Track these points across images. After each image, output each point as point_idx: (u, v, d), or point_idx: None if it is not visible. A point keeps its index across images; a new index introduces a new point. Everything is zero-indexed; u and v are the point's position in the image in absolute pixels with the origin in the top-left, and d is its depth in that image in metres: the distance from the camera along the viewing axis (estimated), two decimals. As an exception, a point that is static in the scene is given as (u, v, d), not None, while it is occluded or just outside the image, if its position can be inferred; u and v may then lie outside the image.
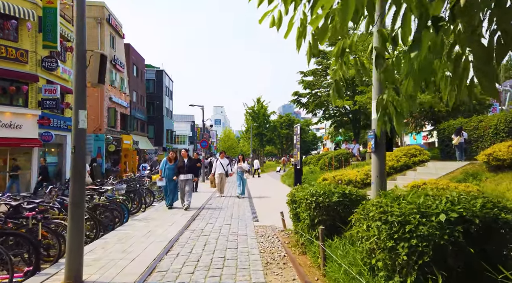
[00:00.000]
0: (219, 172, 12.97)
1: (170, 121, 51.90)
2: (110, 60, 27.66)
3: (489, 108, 29.57)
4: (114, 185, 10.23)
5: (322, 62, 23.08)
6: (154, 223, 7.98)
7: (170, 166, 10.02)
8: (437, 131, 21.22)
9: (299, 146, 7.43)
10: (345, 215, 4.51)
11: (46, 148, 19.93)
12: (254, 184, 21.15)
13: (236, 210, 9.90)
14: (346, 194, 4.61)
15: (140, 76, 39.78)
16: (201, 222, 7.99)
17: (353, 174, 13.07)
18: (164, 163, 10.19)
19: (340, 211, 4.51)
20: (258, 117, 42.39)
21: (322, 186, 4.88)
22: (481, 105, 25.65)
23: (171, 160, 10.15)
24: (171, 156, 10.24)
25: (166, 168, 10.01)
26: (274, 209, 10.09)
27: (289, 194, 5.79)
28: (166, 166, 10.04)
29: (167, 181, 9.90)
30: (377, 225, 2.96)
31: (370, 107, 18.15)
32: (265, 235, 6.72)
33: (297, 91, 24.27)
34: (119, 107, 29.82)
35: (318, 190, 4.70)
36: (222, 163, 12.94)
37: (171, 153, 10.39)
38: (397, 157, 12.75)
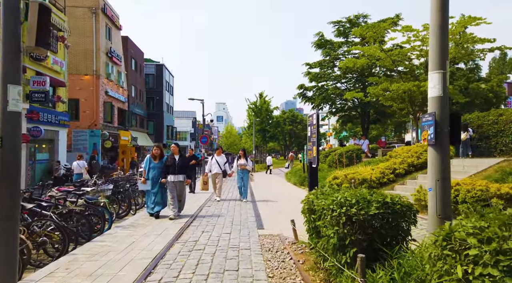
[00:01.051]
0: (215, 171, 11.05)
1: (170, 117, 50.67)
2: (106, 52, 26.41)
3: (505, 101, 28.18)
4: (98, 185, 9.00)
5: (330, 53, 21.72)
6: (141, 231, 6.74)
7: (155, 164, 8.16)
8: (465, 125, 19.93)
9: (316, 139, 5.23)
10: (386, 232, 3.25)
11: (36, 144, 18.74)
12: (257, 182, 19.91)
13: (238, 214, 8.64)
14: (387, 203, 3.33)
15: (139, 70, 38.53)
16: (195, 231, 6.74)
17: (368, 172, 11.82)
18: (147, 161, 8.25)
19: (379, 227, 3.24)
20: (261, 112, 41.11)
21: (353, 192, 3.60)
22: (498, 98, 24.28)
23: (155, 157, 8.21)
24: (155, 152, 8.22)
25: (150, 167, 8.15)
26: (281, 212, 8.86)
27: (304, 201, 4.51)
28: (151, 165, 8.17)
29: (152, 184, 8.07)
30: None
31: (382, 99, 16.97)
32: (272, 248, 5.47)
33: (303, 84, 22.96)
34: (116, 101, 28.59)
35: (349, 197, 3.41)
36: (218, 160, 11.04)
37: (155, 148, 8.30)
38: (417, 153, 11.46)
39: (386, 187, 11.07)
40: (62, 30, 19.98)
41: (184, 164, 8.17)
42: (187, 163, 8.41)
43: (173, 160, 8.06)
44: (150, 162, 8.26)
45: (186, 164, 8.26)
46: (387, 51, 15.10)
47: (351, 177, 11.97)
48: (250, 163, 11.72)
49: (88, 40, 24.91)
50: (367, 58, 16.02)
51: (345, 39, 21.78)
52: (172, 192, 8.02)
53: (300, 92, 23.14)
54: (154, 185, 8.08)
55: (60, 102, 20.14)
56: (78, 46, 24.73)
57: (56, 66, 19.59)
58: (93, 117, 25.02)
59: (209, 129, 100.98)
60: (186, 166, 8.29)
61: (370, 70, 19.22)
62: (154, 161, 8.23)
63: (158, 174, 8.11)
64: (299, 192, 14.22)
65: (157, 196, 8.08)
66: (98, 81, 25.14)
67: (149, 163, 8.24)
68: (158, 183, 8.08)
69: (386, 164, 11.71)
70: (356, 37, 20.18)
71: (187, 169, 8.28)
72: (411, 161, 11.26)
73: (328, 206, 3.47)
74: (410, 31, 14.75)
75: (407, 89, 13.95)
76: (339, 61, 21.68)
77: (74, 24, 24.22)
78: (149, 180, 8.07)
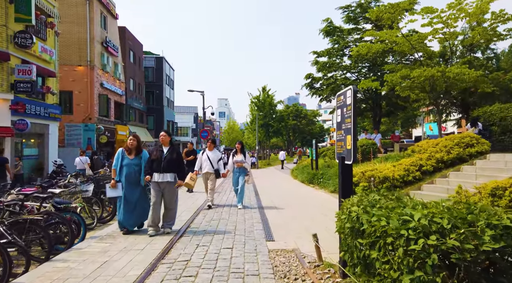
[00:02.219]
0: (206, 170, 8.78)
1: (171, 112, 49.27)
2: (101, 42, 24.97)
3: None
4: (77, 185, 7.62)
5: (339, 41, 20.17)
6: (120, 243, 5.35)
7: (130, 161, 5.95)
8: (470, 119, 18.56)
9: (352, 124, 3.46)
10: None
11: (24, 138, 17.41)
12: (262, 181, 18.54)
13: (241, 220, 7.24)
14: (510, 228, 1.90)
15: (138, 63, 37.09)
16: (188, 244, 5.33)
17: (389, 169, 10.39)
18: (119, 156, 5.99)
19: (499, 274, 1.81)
20: (264, 106, 39.60)
21: (440, 207, 2.17)
22: (519, 89, 22.69)
23: (130, 150, 5.99)
24: (130, 143, 5.98)
25: (123, 165, 5.92)
26: (293, 217, 7.44)
27: (342, 215, 3.07)
28: (124, 162, 5.93)
29: (125, 188, 5.86)
30: None
31: (398, 88, 15.44)
32: (289, 273, 4.06)
33: (311, 73, 21.39)
34: (113, 94, 27.19)
35: (436, 216, 1.98)
36: (210, 156, 8.77)
37: (131, 138, 6.05)
38: (447, 147, 9.99)
39: (411, 186, 9.64)
40: (52, 15, 18.56)
41: (174, 159, 5.96)
42: (179, 158, 6.12)
43: (159, 152, 5.96)
44: (122, 157, 5.98)
45: (177, 159, 6.02)
46: (406, 35, 13.59)
47: (369, 174, 10.54)
48: (249, 159, 9.11)
49: (82, 28, 23.47)
50: (384, 43, 14.50)
51: (355, 26, 20.24)
52: (155, 197, 5.88)
53: (308, 82, 21.62)
54: (129, 190, 5.89)
55: (50, 93, 18.75)
56: (71, 35, 23.33)
57: (45, 54, 18.18)
58: (87, 111, 23.66)
59: (211, 125, 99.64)
60: (178, 162, 6.04)
61: (383, 58, 17.72)
62: (129, 156, 6.00)
63: (134, 173, 5.92)
64: (309, 191, 12.81)
65: (137, 204, 5.92)
66: (92, 72, 23.74)
67: (121, 159, 5.97)
68: (137, 187, 5.97)
69: (410, 160, 10.27)
70: (371, 20, 18.60)
71: (179, 166, 6.05)
72: (440, 156, 9.80)
73: (398, 231, 2.04)
74: (431, 13, 13.21)
75: (430, 76, 12.45)
76: (349, 49, 20.17)
77: (66, 12, 22.81)
78: (122, 182, 5.89)
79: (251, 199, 10.63)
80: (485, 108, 18.81)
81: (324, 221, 7.01)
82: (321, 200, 10.31)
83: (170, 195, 6.01)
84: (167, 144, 6.17)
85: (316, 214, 7.85)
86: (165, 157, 5.96)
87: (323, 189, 13.14)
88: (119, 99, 28.69)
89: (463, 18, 12.86)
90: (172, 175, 5.97)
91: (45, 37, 18.39)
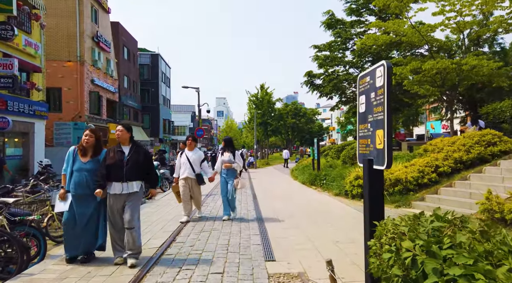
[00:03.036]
0: (185, 175, 6.91)
1: (167, 111, 48.18)
2: (92, 36, 23.87)
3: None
4: (45, 191, 6.58)
5: (341, 34, 19.12)
6: (81, 269, 4.31)
7: (83, 164, 4.38)
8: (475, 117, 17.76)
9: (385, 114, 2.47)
10: None
11: (6, 137, 16.33)
12: (260, 182, 17.54)
13: (236, 231, 6.21)
14: None
15: (132, 60, 35.97)
16: (167, 270, 4.30)
17: (401, 170, 9.39)
18: (69, 158, 4.43)
19: None
20: (262, 104, 38.51)
21: None
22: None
23: (85, 150, 4.45)
24: (85, 141, 4.43)
25: (74, 170, 4.36)
26: (297, 227, 6.40)
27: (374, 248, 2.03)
28: (75, 166, 4.37)
29: (74, 202, 4.32)
30: None
31: (406, 83, 14.42)
32: (296, 315, 3.04)
33: (311, 71, 20.35)
34: (105, 92, 26.09)
35: None
36: (190, 158, 6.94)
37: (87, 133, 4.47)
38: (466, 145, 8.99)
39: (427, 189, 8.63)
40: (37, 7, 17.46)
41: (142, 161, 4.43)
42: (148, 159, 4.59)
43: (119, 154, 4.38)
44: (74, 159, 4.39)
45: (146, 162, 4.50)
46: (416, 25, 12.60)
47: (378, 176, 9.55)
48: (240, 159, 7.28)
49: (71, 22, 22.35)
50: (390, 35, 13.50)
51: (358, 18, 19.23)
52: (115, 215, 4.39)
53: (307, 80, 20.58)
54: (79, 206, 4.30)
55: (35, 90, 17.67)
56: (60, 29, 22.22)
57: (30, 48, 17.07)
58: (77, 109, 22.57)
59: (209, 124, 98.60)
60: (148, 165, 4.55)
61: (388, 52, 16.72)
62: (82, 158, 4.40)
63: (87, 183, 4.30)
64: (311, 194, 11.78)
65: (88, 226, 4.34)
66: (82, 68, 22.63)
67: (73, 162, 4.38)
68: (91, 202, 4.34)
69: (424, 160, 9.26)
70: (375, 12, 17.65)
71: (149, 170, 4.58)
72: (458, 156, 8.79)
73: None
74: (445, 0, 12.20)
75: (443, 69, 11.45)
76: (354, 42, 19.13)
77: (54, 4, 21.69)
78: (71, 192, 4.34)
79: (248, 203, 9.61)
80: (495, 105, 17.84)
81: (333, 233, 5.99)
82: (325, 205, 9.29)
83: (132, 210, 4.35)
84: (127, 142, 4.54)
85: (322, 223, 6.84)
86: (128, 160, 4.38)
87: (326, 191, 12.14)
88: (111, 97, 27.59)
89: (478, 5, 11.85)
90: (139, 184, 4.46)
91: (29, 30, 17.28)
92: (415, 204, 8.24)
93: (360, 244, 5.12)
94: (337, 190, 11.11)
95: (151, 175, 4.67)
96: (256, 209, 8.63)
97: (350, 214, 7.79)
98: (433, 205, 7.73)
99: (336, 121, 60.01)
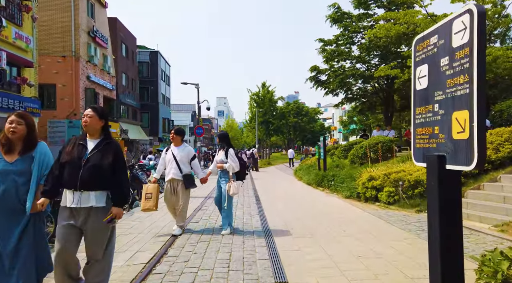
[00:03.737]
0: (170, 176, 5.70)
1: (167, 109, 47.33)
2: (87, 31, 23.00)
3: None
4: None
5: (349, 26, 18.20)
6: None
7: (9, 166, 2.92)
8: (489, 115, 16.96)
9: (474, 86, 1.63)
10: None
11: (-5, 135, 15.47)
12: (263, 183, 16.70)
13: (239, 242, 5.33)
14: None
15: (131, 57, 35.12)
16: (154, 293, 3.42)
17: (420, 170, 8.50)
18: None
19: None
20: (264, 103, 37.65)
21: None
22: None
23: (10, 145, 2.96)
24: (10, 131, 2.93)
25: None
26: (311, 237, 5.45)
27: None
28: None
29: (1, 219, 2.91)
30: None
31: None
32: None
33: (316, 66, 19.42)
34: (101, 89, 25.24)
35: None
36: (176, 155, 5.72)
37: (13, 119, 2.97)
38: (494, 143, 8.09)
39: (451, 192, 7.74)
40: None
41: (106, 163, 2.97)
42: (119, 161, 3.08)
43: (79, 149, 3.01)
44: None
45: (114, 164, 3.01)
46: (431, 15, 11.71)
47: (395, 177, 8.68)
48: (233, 159, 5.79)
49: (66, 16, 21.48)
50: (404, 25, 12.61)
51: (366, 11, 18.33)
52: (64, 240, 2.88)
53: (313, 75, 19.68)
54: (3, 224, 2.90)
55: (26, 85, 16.80)
56: (54, 23, 21.36)
57: (20, 41, 16.21)
58: (72, 106, 21.70)
59: (210, 124, 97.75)
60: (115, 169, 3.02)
61: (398, 44, 15.83)
62: (6, 157, 2.96)
63: (16, 192, 2.93)
64: (319, 196, 10.90)
65: (19, 252, 2.87)
66: (77, 64, 21.77)
67: None
68: (19, 219, 2.93)
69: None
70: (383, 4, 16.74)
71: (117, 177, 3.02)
72: (487, 154, 7.90)
73: None
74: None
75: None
76: (360, 36, 18.23)
77: (48, -3, 20.82)
78: None
79: (251, 206, 8.74)
80: (509, 102, 16.93)
81: (352, 244, 5.10)
82: (337, 209, 8.40)
83: (97, 235, 2.95)
84: (96, 133, 3.08)
85: (337, 231, 5.95)
86: (89, 159, 2.94)
87: (335, 193, 11.25)
88: (108, 94, 26.73)
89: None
90: (102, 196, 2.96)
91: (20, 23, 16.41)
92: (438, 209, 7.34)
93: (390, 260, 4.17)
94: (347, 192, 10.22)
95: (118, 186, 3.01)
96: (260, 213, 7.75)
97: (366, 220, 6.90)
98: (460, 209, 6.85)
99: (338, 121, 59.15)
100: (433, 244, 1.92)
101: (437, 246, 1.82)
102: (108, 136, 3.16)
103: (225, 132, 6.28)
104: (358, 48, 18.46)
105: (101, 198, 2.97)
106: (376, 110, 20.89)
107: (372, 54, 18.04)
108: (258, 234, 5.79)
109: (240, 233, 5.82)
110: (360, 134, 21.40)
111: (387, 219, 6.91)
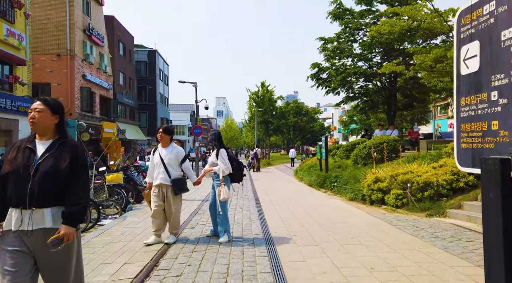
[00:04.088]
0: (158, 181, 5.11)
1: (165, 109, 46.83)
2: (83, 29, 22.52)
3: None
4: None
5: (351, 22, 17.74)
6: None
7: None
8: None
9: None
10: None
11: (-15, 135, 15.01)
12: (262, 184, 16.24)
13: (238, 254, 4.87)
14: None
15: (128, 56, 34.61)
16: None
17: (429, 172, 8.05)
18: None
19: None
20: (263, 102, 37.18)
21: None
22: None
23: None
24: None
25: None
26: (315, 244, 5.01)
27: None
28: None
29: None
30: None
31: (424, 75, 13.13)
32: None
33: (317, 62, 18.95)
34: (98, 88, 24.74)
35: None
36: (164, 157, 5.18)
37: None
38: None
39: (464, 195, 7.29)
40: (21, -6, 16.13)
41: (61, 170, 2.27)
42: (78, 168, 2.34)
43: (25, 154, 2.29)
44: None
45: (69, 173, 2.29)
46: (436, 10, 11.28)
47: (402, 178, 8.21)
48: (224, 160, 5.29)
49: (60, 13, 20.99)
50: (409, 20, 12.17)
51: (368, 7, 17.89)
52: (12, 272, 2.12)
53: (314, 73, 19.21)
54: None
55: (19, 84, 16.32)
56: (48, 21, 20.87)
57: (12, 39, 15.74)
58: (67, 105, 21.19)
59: (209, 124, 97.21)
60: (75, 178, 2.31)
61: (401, 41, 15.40)
62: None
63: None
64: (322, 198, 10.42)
65: None
66: (72, 62, 21.28)
67: None
68: None
69: (452, 160, 7.90)
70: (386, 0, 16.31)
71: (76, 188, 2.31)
72: (500, 155, 7.45)
73: None
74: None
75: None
76: (362, 33, 17.81)
77: (42, -6, 20.34)
78: None
79: (250, 209, 8.28)
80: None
81: (362, 254, 4.64)
82: (341, 213, 7.94)
83: (57, 264, 2.28)
84: (47, 132, 2.39)
85: (344, 239, 5.49)
86: (39, 166, 2.26)
87: (338, 195, 10.80)
88: (105, 94, 26.23)
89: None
90: (59, 213, 2.28)
91: (12, 19, 15.93)
92: (450, 213, 6.90)
93: (407, 273, 3.65)
94: (351, 194, 9.77)
95: (73, 199, 2.29)
96: (261, 218, 7.29)
97: (374, 225, 6.44)
98: (474, 214, 6.40)
99: (338, 121, 58.74)
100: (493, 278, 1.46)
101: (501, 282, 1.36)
102: (63, 135, 2.43)
103: (217, 131, 5.75)
104: (360, 46, 18.01)
105: (58, 216, 2.27)
106: (378, 109, 20.44)
107: (374, 52, 17.60)
108: (258, 242, 5.33)
109: (239, 241, 5.36)
110: (361, 134, 20.92)
111: (397, 224, 6.45)
